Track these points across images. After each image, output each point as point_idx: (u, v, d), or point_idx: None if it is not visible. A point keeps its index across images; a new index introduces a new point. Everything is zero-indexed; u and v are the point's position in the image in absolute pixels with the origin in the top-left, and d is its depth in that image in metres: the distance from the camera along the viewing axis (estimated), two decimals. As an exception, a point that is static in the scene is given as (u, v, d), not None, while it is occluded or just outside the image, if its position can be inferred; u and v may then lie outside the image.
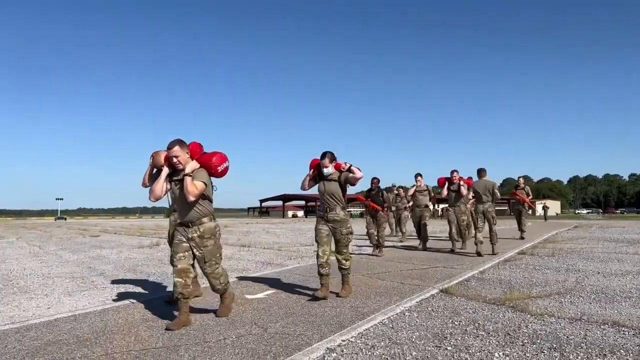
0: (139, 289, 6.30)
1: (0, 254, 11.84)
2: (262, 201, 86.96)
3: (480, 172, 10.26)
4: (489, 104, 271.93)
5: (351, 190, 8.59)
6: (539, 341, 3.63)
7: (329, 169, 5.46)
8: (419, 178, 12.20)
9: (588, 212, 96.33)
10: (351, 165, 5.41)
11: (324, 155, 5.46)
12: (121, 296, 5.77)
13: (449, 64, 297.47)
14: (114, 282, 6.96)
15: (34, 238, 19.23)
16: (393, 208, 14.91)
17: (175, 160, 4.25)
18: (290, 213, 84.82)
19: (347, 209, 5.69)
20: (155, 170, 4.56)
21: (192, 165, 4.27)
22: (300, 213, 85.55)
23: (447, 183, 10.75)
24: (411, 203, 13.15)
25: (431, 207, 13.45)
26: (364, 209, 18.30)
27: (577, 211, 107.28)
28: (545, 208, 43.59)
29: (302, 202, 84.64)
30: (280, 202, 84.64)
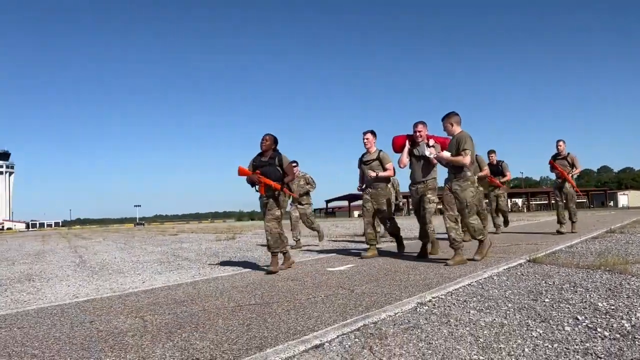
0: (224, 267, 6.53)
1: (91, 250, 12.66)
2: (327, 201, 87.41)
3: (454, 117, 5.74)
4: (558, 84, 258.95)
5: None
6: (645, 294, 3.42)
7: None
8: (368, 136, 6.93)
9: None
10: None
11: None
12: (208, 273, 6.01)
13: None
14: (199, 264, 7.25)
15: (118, 238, 20.40)
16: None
17: None
18: (356, 213, 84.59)
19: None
20: None
21: None
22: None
23: (407, 144, 6.49)
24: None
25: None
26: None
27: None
28: None
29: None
30: (346, 202, 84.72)
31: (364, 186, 6.98)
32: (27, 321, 3.56)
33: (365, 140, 6.86)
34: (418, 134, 6.40)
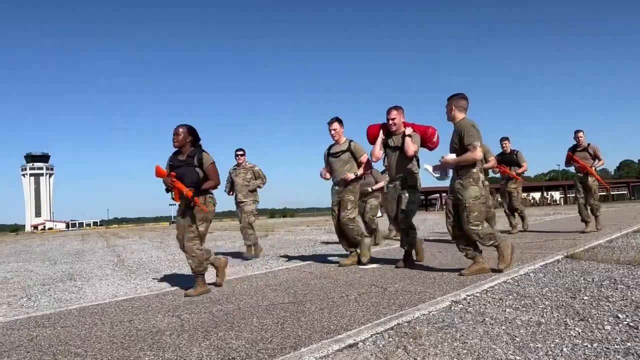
0: (257, 266, 6.60)
1: (129, 248, 12.99)
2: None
3: (458, 101, 4.67)
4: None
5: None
6: (690, 291, 3.30)
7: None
8: (334, 126, 5.90)
9: None
10: None
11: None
12: (242, 271, 6.09)
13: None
14: (232, 262, 7.34)
15: (155, 236, 20.85)
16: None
17: None
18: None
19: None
20: None
21: None
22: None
23: (381, 134, 5.55)
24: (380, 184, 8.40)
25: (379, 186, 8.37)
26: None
27: None
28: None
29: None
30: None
31: (333, 183, 5.98)
32: (70, 320, 3.69)
33: (333, 132, 5.85)
34: (391, 122, 5.41)
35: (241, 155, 7.90)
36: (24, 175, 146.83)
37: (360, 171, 5.84)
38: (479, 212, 4.44)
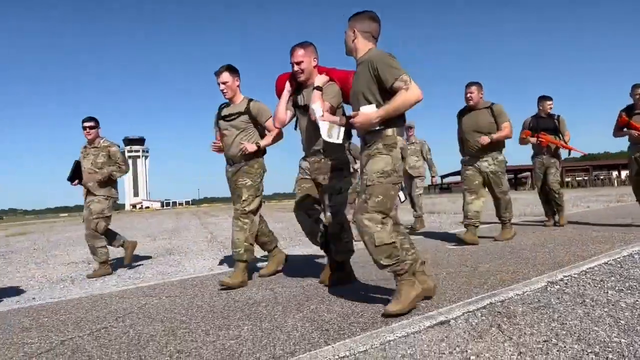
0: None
1: (220, 226, 13.64)
2: (443, 177, 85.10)
3: (364, 23, 2.85)
4: None
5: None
6: None
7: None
8: (223, 77, 4.05)
9: None
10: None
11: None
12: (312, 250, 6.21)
13: None
14: (296, 242, 7.50)
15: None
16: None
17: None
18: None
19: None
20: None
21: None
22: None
23: (288, 87, 3.70)
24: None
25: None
26: None
27: None
28: None
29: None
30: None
31: (227, 160, 4.26)
32: (173, 291, 3.98)
33: (223, 87, 4.05)
34: (297, 67, 3.55)
35: (90, 128, 5.27)
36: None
37: (265, 141, 4.15)
38: (385, 196, 2.71)
